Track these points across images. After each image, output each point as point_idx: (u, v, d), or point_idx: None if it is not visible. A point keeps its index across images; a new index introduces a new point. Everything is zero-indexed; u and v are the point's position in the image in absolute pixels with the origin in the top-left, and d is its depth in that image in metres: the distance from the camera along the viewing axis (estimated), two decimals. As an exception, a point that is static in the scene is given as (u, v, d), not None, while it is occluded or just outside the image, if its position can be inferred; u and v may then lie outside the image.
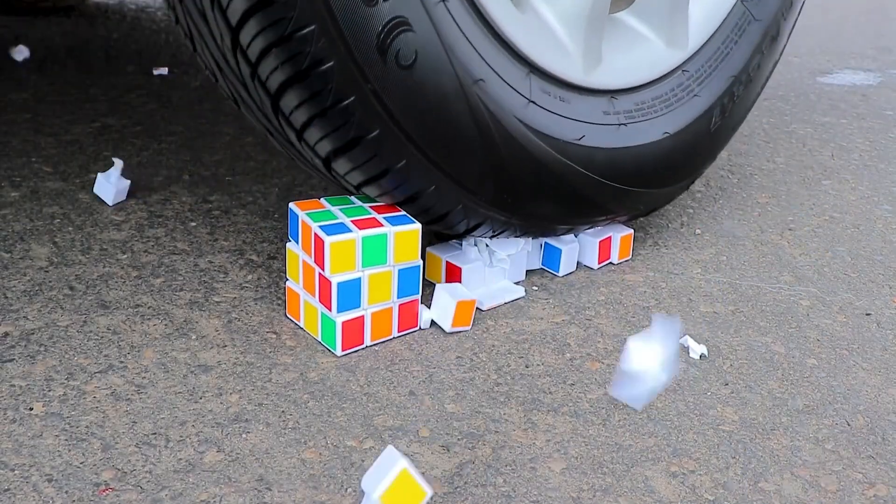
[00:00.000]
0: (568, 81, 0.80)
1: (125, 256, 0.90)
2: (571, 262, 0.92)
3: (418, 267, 0.77)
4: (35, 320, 0.77)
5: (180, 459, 0.61)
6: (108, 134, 1.26)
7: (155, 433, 0.64)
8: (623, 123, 0.85)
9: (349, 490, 0.59)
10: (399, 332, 0.78)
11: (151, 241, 0.93)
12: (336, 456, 0.63)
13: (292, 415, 0.67)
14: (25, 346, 0.73)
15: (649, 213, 0.97)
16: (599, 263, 0.93)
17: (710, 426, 0.68)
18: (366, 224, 0.74)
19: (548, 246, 0.91)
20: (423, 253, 0.86)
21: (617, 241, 0.93)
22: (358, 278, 0.73)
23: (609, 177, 0.85)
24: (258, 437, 0.64)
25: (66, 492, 0.58)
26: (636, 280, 0.92)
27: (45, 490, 0.58)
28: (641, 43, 0.89)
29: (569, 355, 0.77)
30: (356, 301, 0.74)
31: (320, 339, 0.76)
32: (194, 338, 0.76)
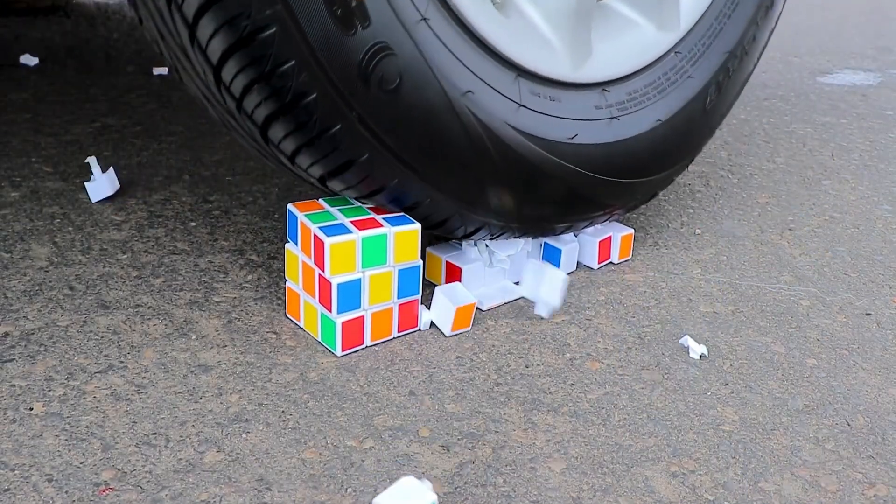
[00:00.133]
0: (558, 80, 0.79)
1: (125, 256, 0.90)
2: (571, 261, 0.92)
3: (418, 267, 0.77)
4: (35, 320, 0.77)
5: (180, 459, 0.61)
6: (108, 134, 1.26)
7: (155, 433, 0.64)
8: (615, 117, 0.84)
9: (349, 490, 0.59)
10: (399, 332, 0.78)
11: (151, 241, 0.93)
12: (336, 456, 0.63)
13: (292, 415, 0.67)
14: (25, 346, 0.73)
15: (650, 200, 0.95)
16: (599, 263, 0.93)
17: (710, 426, 0.68)
18: (365, 225, 0.73)
19: (547, 246, 0.91)
20: (423, 253, 0.86)
21: (617, 240, 0.93)
22: (358, 279, 0.73)
23: (605, 172, 0.84)
24: (258, 437, 0.64)
25: (66, 492, 0.58)
26: (636, 280, 0.92)
27: (45, 490, 0.58)
28: (631, 29, 0.86)
29: (569, 355, 0.77)
30: (356, 302, 0.74)
31: (320, 339, 0.76)
32: (194, 338, 0.76)
